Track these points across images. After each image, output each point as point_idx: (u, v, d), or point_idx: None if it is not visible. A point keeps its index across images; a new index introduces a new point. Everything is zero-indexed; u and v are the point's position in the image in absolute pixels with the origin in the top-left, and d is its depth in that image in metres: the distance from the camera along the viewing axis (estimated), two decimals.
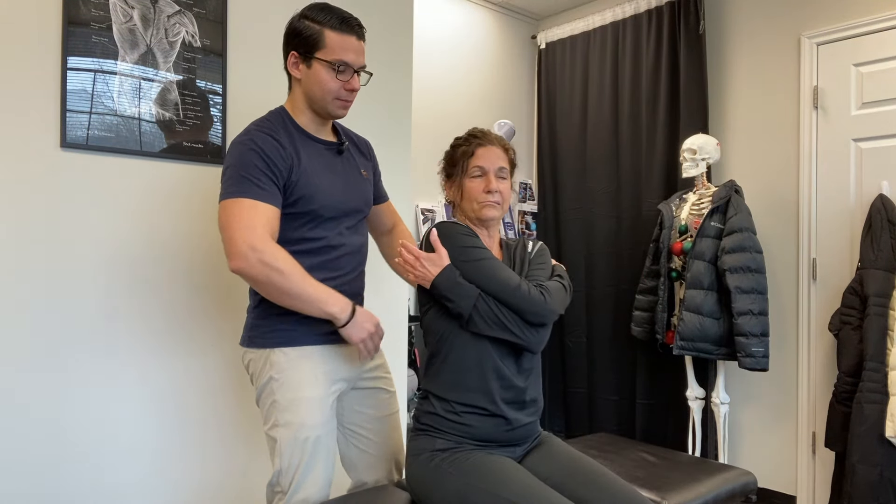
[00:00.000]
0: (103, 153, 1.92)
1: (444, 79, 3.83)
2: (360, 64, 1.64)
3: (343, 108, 1.66)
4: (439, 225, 1.58)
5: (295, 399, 1.59)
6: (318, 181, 1.62)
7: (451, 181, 1.67)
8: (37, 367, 1.82)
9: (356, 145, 1.83)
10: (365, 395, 1.77)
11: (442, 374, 1.53)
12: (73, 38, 1.84)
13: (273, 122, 1.62)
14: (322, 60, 1.59)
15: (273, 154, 1.55)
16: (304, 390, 1.59)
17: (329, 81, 1.60)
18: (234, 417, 2.17)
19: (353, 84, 1.63)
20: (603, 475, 1.49)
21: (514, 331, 1.50)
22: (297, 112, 1.67)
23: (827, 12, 3.07)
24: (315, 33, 1.59)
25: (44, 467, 1.82)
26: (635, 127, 3.71)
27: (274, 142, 1.57)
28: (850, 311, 2.80)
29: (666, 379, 3.48)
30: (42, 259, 1.82)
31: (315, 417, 1.60)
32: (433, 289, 1.51)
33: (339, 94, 1.62)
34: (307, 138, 1.66)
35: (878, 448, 2.61)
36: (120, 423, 1.95)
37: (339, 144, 1.73)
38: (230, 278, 2.16)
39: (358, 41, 1.63)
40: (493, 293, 1.50)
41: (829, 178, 3.07)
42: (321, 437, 1.61)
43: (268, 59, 2.24)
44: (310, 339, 1.62)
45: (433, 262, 1.52)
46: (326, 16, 1.60)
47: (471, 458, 1.45)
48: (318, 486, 1.61)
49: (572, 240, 4.03)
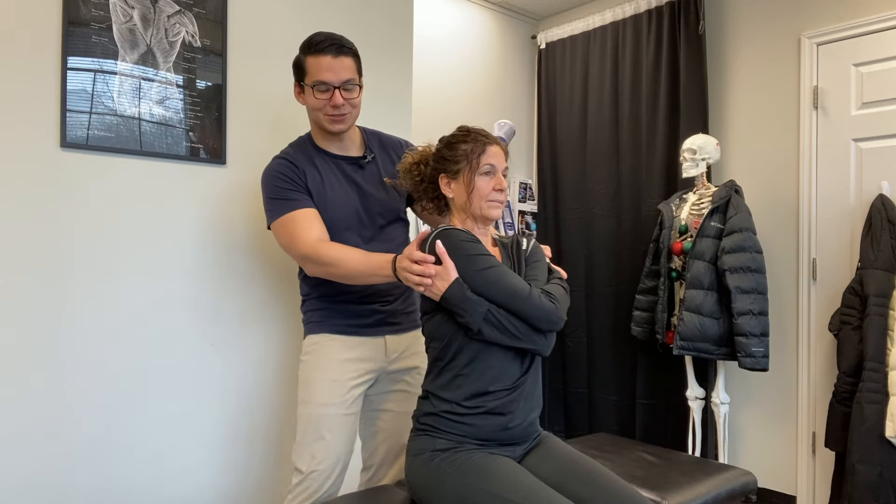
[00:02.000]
0: (103, 153, 1.92)
1: (444, 79, 3.83)
2: (342, 79, 1.74)
3: (335, 123, 1.78)
4: (442, 233, 1.54)
5: (313, 378, 1.79)
6: (329, 195, 1.79)
7: (455, 178, 1.60)
8: (35, 368, 1.82)
9: (387, 151, 1.94)
10: (388, 389, 1.92)
11: (444, 376, 1.53)
12: (73, 38, 1.84)
13: (294, 148, 1.84)
14: (307, 85, 1.76)
15: (288, 173, 1.76)
16: (322, 371, 1.79)
17: (314, 101, 1.75)
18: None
19: (335, 100, 1.73)
20: (602, 474, 1.49)
21: (523, 339, 1.50)
22: (315, 135, 1.86)
23: (827, 12, 3.07)
24: (300, 62, 1.76)
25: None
26: (635, 127, 3.71)
27: (288, 163, 1.78)
28: (850, 311, 2.80)
29: (666, 379, 3.48)
30: (42, 259, 1.82)
31: (326, 396, 1.77)
32: (443, 301, 1.49)
33: (326, 111, 1.75)
34: (326, 156, 1.83)
35: (878, 448, 2.61)
36: (114, 428, 1.95)
37: (359, 159, 1.87)
38: (229, 279, 2.16)
39: (335, 58, 1.73)
40: (502, 301, 1.48)
41: (829, 178, 3.07)
42: (330, 416, 1.76)
43: (268, 59, 2.24)
44: (331, 328, 1.82)
45: (441, 276, 1.49)
46: (306, 44, 1.76)
47: (471, 458, 1.45)
48: (329, 462, 1.75)
49: (572, 240, 4.03)
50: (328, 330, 1.82)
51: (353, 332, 1.82)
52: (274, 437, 2.27)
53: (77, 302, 1.88)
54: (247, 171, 2.19)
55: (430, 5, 3.77)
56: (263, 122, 2.23)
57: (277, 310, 2.27)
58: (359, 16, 2.50)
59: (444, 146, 1.63)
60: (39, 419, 1.82)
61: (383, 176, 1.88)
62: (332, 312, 1.83)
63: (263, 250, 2.23)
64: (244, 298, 2.20)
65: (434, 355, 1.56)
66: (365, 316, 1.84)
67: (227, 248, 2.16)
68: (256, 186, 2.21)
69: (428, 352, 1.59)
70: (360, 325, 1.83)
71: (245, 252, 2.20)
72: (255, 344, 2.23)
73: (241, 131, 2.18)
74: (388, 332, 1.87)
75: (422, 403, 1.57)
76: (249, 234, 2.21)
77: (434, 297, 1.50)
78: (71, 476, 1.87)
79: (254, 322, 2.22)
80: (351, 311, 1.83)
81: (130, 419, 1.97)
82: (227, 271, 2.16)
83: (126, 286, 1.96)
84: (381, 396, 1.92)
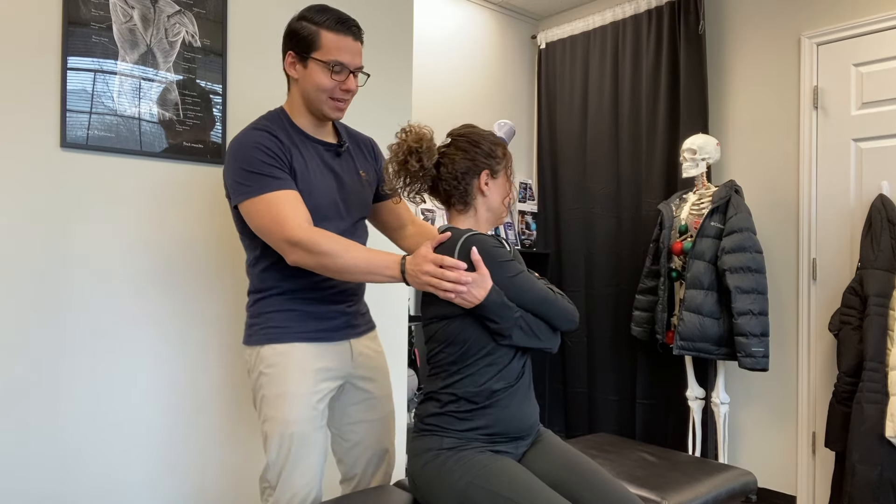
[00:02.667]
0: (103, 153, 1.92)
1: (444, 79, 3.83)
2: (357, 65, 1.64)
3: (337, 110, 1.66)
4: (475, 239, 1.51)
5: (281, 394, 1.61)
6: (312, 180, 1.63)
7: (495, 178, 1.60)
8: (32, 368, 1.82)
9: (358, 145, 1.82)
10: (355, 398, 1.78)
11: (453, 377, 1.52)
12: (73, 38, 1.84)
13: (270, 122, 1.64)
14: (318, 60, 1.60)
15: (273, 148, 1.58)
16: (290, 385, 1.61)
17: (324, 81, 1.60)
18: (233, 416, 2.18)
19: (349, 84, 1.63)
20: (596, 473, 1.51)
21: (543, 340, 1.54)
22: (296, 113, 1.68)
23: (827, 12, 3.07)
24: (311, 33, 1.59)
25: (47, 468, 1.82)
26: (635, 127, 3.71)
27: (272, 137, 1.59)
28: (850, 311, 2.80)
29: (666, 379, 3.48)
30: (42, 259, 1.82)
31: (300, 413, 1.61)
32: (479, 309, 1.48)
33: (334, 94, 1.63)
34: (305, 138, 1.67)
35: (878, 448, 2.61)
36: (124, 425, 1.95)
37: (338, 146, 1.73)
38: (230, 279, 2.16)
39: (354, 42, 1.63)
40: (531, 306, 1.51)
41: (829, 178, 3.07)
42: (307, 433, 1.61)
43: (268, 59, 2.24)
44: (299, 337, 1.64)
45: (478, 283, 1.46)
46: (323, 16, 1.60)
47: (475, 457, 1.46)
48: (306, 480, 1.62)
49: (572, 240, 4.03)
50: (294, 339, 1.64)
51: (319, 339, 1.67)
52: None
53: (76, 302, 1.88)
54: None
55: (430, 5, 3.77)
56: None
57: None
58: (359, 16, 2.50)
59: (491, 144, 1.59)
60: (37, 419, 1.82)
61: (358, 167, 1.77)
62: (296, 316, 1.65)
63: None
64: (245, 298, 2.20)
65: (447, 359, 1.53)
66: (331, 318, 1.70)
67: (228, 248, 2.16)
68: None
69: (437, 355, 1.56)
70: (326, 328, 1.68)
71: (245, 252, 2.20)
72: None
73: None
74: (352, 336, 1.75)
75: (426, 404, 1.57)
76: None
77: (467, 304, 1.47)
78: (71, 476, 1.87)
79: None
80: (318, 313, 1.67)
81: (130, 419, 1.97)
82: (227, 271, 2.16)
83: (126, 286, 1.96)
84: (350, 409, 1.78)
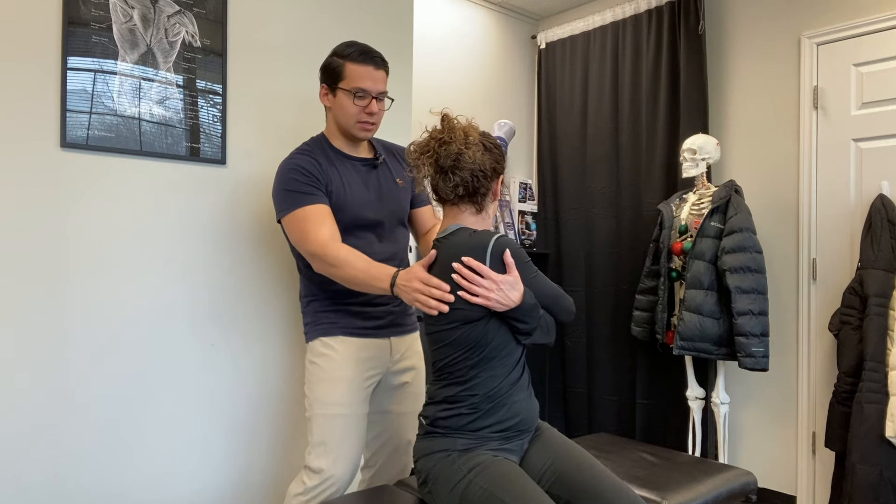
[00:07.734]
0: (103, 153, 1.92)
1: (444, 79, 3.83)
2: (379, 90, 1.83)
3: (364, 131, 1.85)
4: (506, 241, 1.51)
5: (327, 379, 1.82)
6: (351, 193, 1.84)
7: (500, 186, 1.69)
8: (35, 368, 1.82)
9: (394, 155, 2.02)
10: (389, 391, 1.97)
11: (475, 379, 1.52)
12: (73, 38, 1.84)
13: (311, 146, 1.86)
14: (343, 89, 1.81)
15: (311, 168, 1.79)
16: (337, 371, 1.82)
17: (350, 107, 1.81)
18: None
19: (372, 108, 1.82)
20: (592, 466, 1.55)
21: (552, 335, 1.60)
22: (332, 136, 1.90)
23: (827, 12, 3.07)
24: (338, 66, 1.81)
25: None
26: (635, 127, 3.71)
27: (310, 159, 1.81)
28: (850, 311, 2.80)
29: (666, 379, 3.48)
30: (42, 259, 1.82)
31: (345, 397, 1.80)
32: (514, 311, 1.49)
33: (360, 118, 1.82)
34: (343, 157, 1.88)
35: (878, 448, 2.61)
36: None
37: (374, 160, 1.94)
38: (229, 280, 2.16)
39: (377, 70, 1.81)
40: (548, 304, 1.58)
41: (829, 178, 3.07)
42: (350, 417, 1.79)
43: (268, 59, 2.24)
44: (344, 331, 1.85)
45: (513, 286, 1.48)
46: (348, 49, 1.81)
47: (479, 457, 1.48)
48: (345, 464, 1.78)
49: (572, 240, 4.03)
50: (341, 332, 1.85)
51: (363, 334, 1.87)
52: (276, 437, 2.27)
53: (76, 302, 1.88)
54: (247, 172, 2.19)
55: (430, 5, 3.77)
56: (263, 122, 2.23)
57: (279, 309, 2.27)
58: (359, 16, 2.50)
59: (500, 152, 1.63)
60: (38, 420, 1.82)
61: (395, 176, 1.95)
62: (343, 314, 1.86)
63: (264, 250, 2.23)
64: (245, 298, 2.20)
65: (467, 363, 1.52)
66: (378, 317, 1.90)
67: (228, 248, 2.16)
68: (257, 186, 2.21)
69: (455, 360, 1.53)
70: (369, 326, 1.88)
71: (245, 252, 2.20)
72: (256, 343, 2.23)
73: (241, 131, 2.18)
74: (394, 334, 1.94)
75: (436, 407, 1.56)
76: (250, 234, 2.21)
77: (501, 307, 1.47)
78: (71, 476, 1.87)
79: (255, 321, 2.22)
80: (364, 312, 1.88)
81: (130, 419, 1.97)
82: (228, 271, 2.16)
83: (126, 286, 1.96)
84: (383, 398, 1.97)
